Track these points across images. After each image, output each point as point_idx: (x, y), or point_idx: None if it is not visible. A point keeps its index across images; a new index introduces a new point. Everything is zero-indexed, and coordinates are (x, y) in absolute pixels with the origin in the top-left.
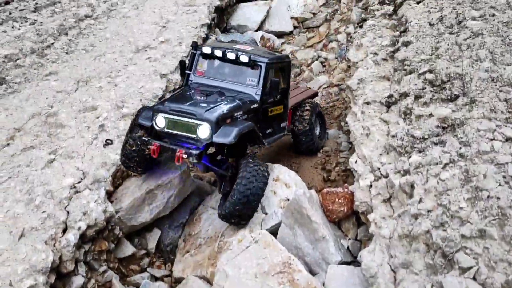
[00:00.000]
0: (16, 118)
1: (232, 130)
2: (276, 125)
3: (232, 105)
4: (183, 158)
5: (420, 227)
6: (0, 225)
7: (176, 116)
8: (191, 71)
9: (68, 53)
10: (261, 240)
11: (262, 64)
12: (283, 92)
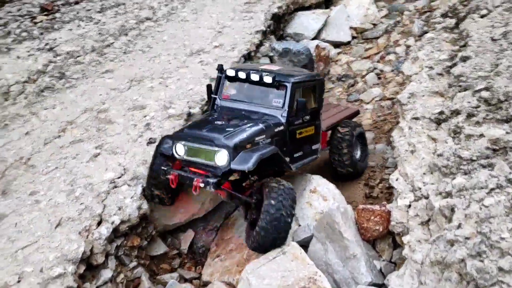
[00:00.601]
0: (70, 111)
1: (251, 156)
2: (306, 148)
3: (253, 129)
4: (200, 188)
5: (455, 255)
6: (41, 213)
7: (195, 143)
8: (216, 95)
9: (125, 53)
10: (290, 252)
11: (288, 84)
12: (313, 112)
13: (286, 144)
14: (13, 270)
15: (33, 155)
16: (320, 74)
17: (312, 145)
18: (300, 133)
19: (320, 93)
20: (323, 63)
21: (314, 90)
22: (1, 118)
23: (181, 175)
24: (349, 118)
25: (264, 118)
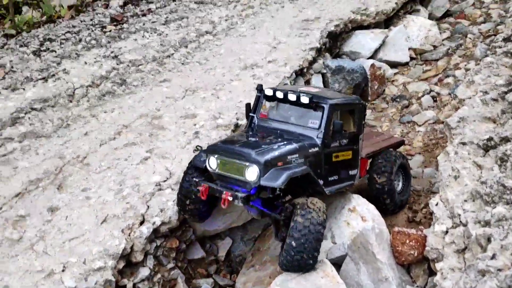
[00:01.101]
0: (127, 116)
1: (281, 174)
2: (343, 173)
3: (287, 148)
4: (229, 201)
5: (484, 286)
6: (90, 208)
7: (227, 157)
8: (254, 114)
9: (183, 64)
10: (321, 268)
11: (325, 106)
12: (351, 136)
13: (321, 167)
14: (59, 259)
15: (89, 154)
16: (374, 93)
17: (349, 170)
18: (336, 157)
19: (359, 118)
20: (378, 83)
21: (353, 113)
22: (65, 118)
23: (212, 187)
24: (393, 148)
25: (299, 138)
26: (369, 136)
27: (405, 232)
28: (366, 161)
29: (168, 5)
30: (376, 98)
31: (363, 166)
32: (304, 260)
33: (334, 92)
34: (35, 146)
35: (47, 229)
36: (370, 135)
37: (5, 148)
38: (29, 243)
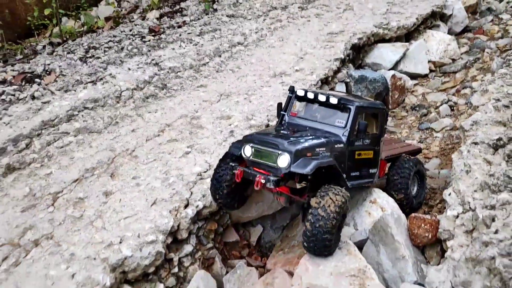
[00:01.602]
0: (168, 116)
1: (310, 162)
2: (364, 170)
3: (315, 141)
4: (261, 184)
5: (487, 253)
6: (140, 193)
7: (261, 146)
8: (285, 112)
9: (218, 72)
10: (345, 248)
11: (352, 107)
12: (374, 138)
13: (344, 162)
14: (117, 234)
15: (136, 148)
16: (394, 102)
17: (369, 169)
18: (359, 155)
19: (382, 121)
20: (398, 92)
21: (376, 117)
22: (113, 117)
23: (246, 171)
24: (411, 154)
25: (326, 134)
26: (389, 143)
27: (421, 217)
28: (385, 164)
29: (201, 18)
30: (396, 107)
31: (382, 167)
32: (319, 245)
33: (359, 96)
34: (89, 140)
35: (103, 210)
36: (390, 141)
37: (62, 141)
38: (89, 220)
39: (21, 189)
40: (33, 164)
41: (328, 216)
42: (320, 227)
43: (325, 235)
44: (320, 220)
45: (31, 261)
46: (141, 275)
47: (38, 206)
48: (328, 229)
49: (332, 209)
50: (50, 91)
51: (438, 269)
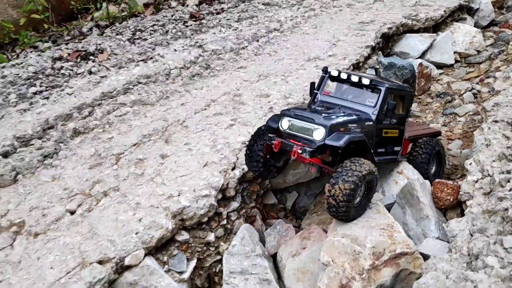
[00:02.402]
0: (213, 93)
1: (343, 136)
2: (389, 147)
3: (348, 117)
4: (298, 153)
5: (501, 205)
6: (192, 157)
7: (298, 119)
8: (318, 91)
9: (256, 55)
10: (374, 208)
11: (382, 88)
12: (400, 118)
13: (373, 139)
14: (175, 188)
15: (186, 119)
16: (420, 89)
17: (394, 146)
18: (386, 133)
19: (408, 103)
20: (425, 80)
21: (403, 99)
22: (164, 92)
23: (284, 142)
24: (431, 136)
25: (358, 111)
26: (411, 125)
27: (444, 182)
28: (408, 143)
29: (238, 5)
30: (422, 94)
31: (405, 146)
32: (337, 211)
33: (388, 79)
34: (143, 111)
35: (161, 169)
36: (412, 124)
37: (120, 110)
38: (149, 177)
39: (87, 150)
40: (96, 129)
41: (338, 205)
42: (333, 212)
43: (340, 216)
44: (331, 207)
45: (102, 208)
46: (196, 223)
47: (104, 164)
48: (340, 213)
49: (341, 198)
50: (105, 67)
51: (458, 220)
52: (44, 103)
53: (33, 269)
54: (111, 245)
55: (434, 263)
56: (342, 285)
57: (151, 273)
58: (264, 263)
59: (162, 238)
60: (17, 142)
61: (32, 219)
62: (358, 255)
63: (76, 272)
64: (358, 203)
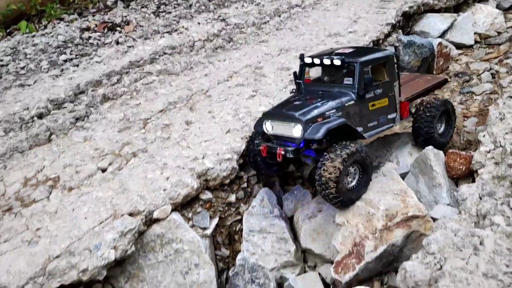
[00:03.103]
0: (235, 65)
1: (321, 128)
2: (381, 118)
3: (325, 106)
4: (282, 155)
5: (510, 171)
6: (215, 124)
7: (278, 120)
8: (300, 80)
9: (277, 30)
10: (389, 175)
11: (356, 64)
12: (386, 86)
13: (359, 116)
14: (200, 152)
15: (209, 89)
16: (439, 68)
17: (387, 115)
18: (373, 105)
19: (391, 68)
20: (443, 59)
21: (385, 65)
22: (188, 63)
23: (269, 146)
24: (436, 88)
25: (337, 95)
26: (412, 79)
27: (457, 152)
28: (407, 104)
29: None
30: (440, 73)
31: (405, 108)
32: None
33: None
34: (169, 80)
35: (186, 134)
36: (413, 77)
37: (147, 79)
38: (175, 141)
39: (116, 114)
40: (124, 96)
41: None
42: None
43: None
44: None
45: (131, 167)
46: (219, 184)
47: (132, 128)
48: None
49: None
50: (132, 38)
51: (469, 186)
52: (75, 69)
53: (68, 218)
54: (141, 199)
55: (443, 222)
56: (356, 243)
57: (177, 226)
58: (282, 224)
59: (187, 195)
60: (50, 105)
61: (66, 175)
62: (372, 216)
63: (109, 222)
64: (353, 187)
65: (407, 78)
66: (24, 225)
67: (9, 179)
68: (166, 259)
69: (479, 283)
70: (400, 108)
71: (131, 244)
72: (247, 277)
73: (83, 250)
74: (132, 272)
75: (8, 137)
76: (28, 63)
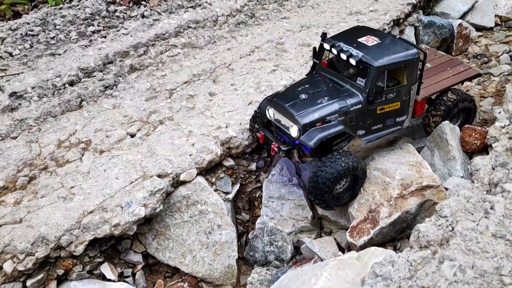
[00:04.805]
0: (257, 40)
1: (315, 135)
2: (389, 121)
3: (328, 109)
4: (275, 151)
5: None
6: (237, 96)
7: (280, 112)
8: (318, 61)
9: (299, 7)
10: (405, 148)
11: (371, 67)
12: (401, 90)
13: (364, 120)
14: (223, 121)
15: (232, 63)
16: (458, 49)
17: (396, 118)
18: (382, 109)
19: (412, 70)
20: (463, 41)
21: (406, 67)
22: (212, 37)
23: (266, 136)
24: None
25: (346, 94)
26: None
27: (473, 127)
28: (424, 102)
29: None
30: (459, 54)
31: (420, 107)
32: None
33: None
34: (193, 53)
35: (210, 105)
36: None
37: (172, 51)
38: (199, 111)
39: (143, 84)
40: (150, 67)
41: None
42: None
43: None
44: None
45: (159, 133)
46: (241, 153)
47: (159, 97)
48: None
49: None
50: (157, 12)
51: (482, 157)
52: (103, 40)
53: (100, 178)
54: (169, 163)
55: (457, 190)
56: (371, 209)
57: (202, 189)
58: (300, 192)
59: (211, 161)
60: (81, 73)
61: (97, 139)
62: (388, 185)
63: (139, 182)
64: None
65: (438, 62)
66: (59, 183)
67: (44, 141)
68: (191, 219)
69: (488, 242)
70: (414, 107)
71: (159, 203)
72: (266, 239)
73: (115, 207)
74: (159, 230)
75: (42, 102)
76: (57, 34)
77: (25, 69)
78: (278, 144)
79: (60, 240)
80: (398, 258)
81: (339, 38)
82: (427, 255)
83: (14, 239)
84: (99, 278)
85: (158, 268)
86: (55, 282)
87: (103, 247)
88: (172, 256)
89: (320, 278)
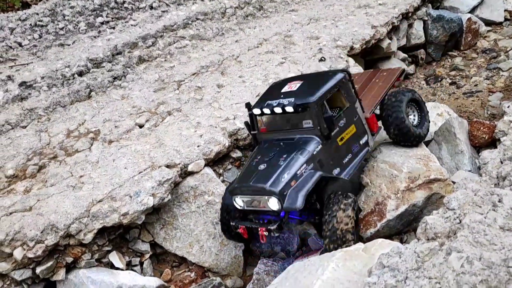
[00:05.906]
0: (265, 33)
1: (297, 195)
2: (354, 148)
3: (294, 165)
4: (265, 237)
5: None
6: (245, 88)
7: (248, 195)
8: (255, 131)
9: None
10: None
11: (310, 105)
12: (347, 113)
13: (331, 157)
14: (231, 113)
15: (240, 55)
16: (467, 44)
17: (359, 142)
18: (342, 139)
19: (347, 90)
20: (472, 35)
21: (339, 90)
22: (220, 29)
23: (248, 228)
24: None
25: (301, 143)
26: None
27: (481, 121)
28: (373, 116)
29: None
30: (468, 49)
31: (372, 123)
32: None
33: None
34: (201, 45)
35: (218, 96)
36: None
37: (180, 43)
38: (207, 102)
39: (151, 75)
40: (158, 58)
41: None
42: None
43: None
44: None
45: (167, 124)
46: (248, 144)
47: (167, 88)
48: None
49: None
50: (165, 3)
51: (491, 151)
52: (112, 31)
53: (109, 168)
54: (177, 153)
55: (464, 183)
56: (378, 202)
57: (210, 180)
58: None
59: (219, 152)
60: (90, 64)
61: (106, 129)
62: (395, 178)
63: (147, 172)
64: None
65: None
66: (69, 172)
67: (53, 130)
68: (198, 210)
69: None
70: (369, 124)
71: (167, 193)
72: None
73: (124, 196)
74: (167, 220)
75: (51, 92)
76: (66, 24)
77: (35, 59)
78: (264, 228)
79: (70, 228)
80: (405, 249)
81: (264, 99)
82: (434, 246)
83: (24, 226)
84: (107, 266)
85: (166, 258)
86: (64, 269)
87: (112, 236)
88: (180, 245)
89: (327, 268)
